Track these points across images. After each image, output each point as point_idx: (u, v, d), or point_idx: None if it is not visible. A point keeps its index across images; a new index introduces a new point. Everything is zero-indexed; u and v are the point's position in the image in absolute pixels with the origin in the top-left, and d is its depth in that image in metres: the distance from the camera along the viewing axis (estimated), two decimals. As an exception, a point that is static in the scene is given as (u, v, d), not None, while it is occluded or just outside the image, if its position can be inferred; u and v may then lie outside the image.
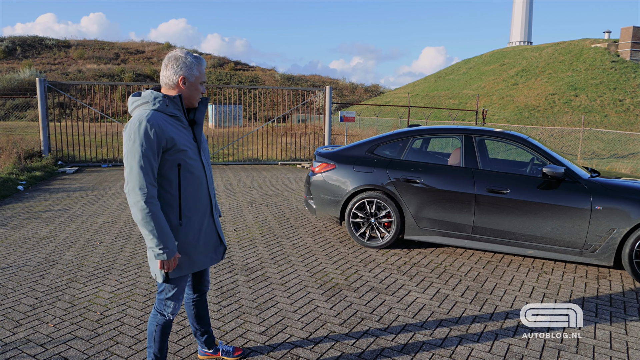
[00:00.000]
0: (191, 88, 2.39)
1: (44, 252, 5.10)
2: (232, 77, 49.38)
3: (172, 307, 2.54)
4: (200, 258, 2.53)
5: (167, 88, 2.39)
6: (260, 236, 5.93)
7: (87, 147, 13.02)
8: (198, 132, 2.50)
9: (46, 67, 42.75)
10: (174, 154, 2.32)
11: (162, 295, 2.53)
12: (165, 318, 2.56)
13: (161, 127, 2.25)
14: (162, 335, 2.59)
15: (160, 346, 2.61)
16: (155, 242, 2.25)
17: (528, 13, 55.97)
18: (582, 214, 4.65)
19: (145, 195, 2.21)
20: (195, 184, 2.44)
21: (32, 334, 3.32)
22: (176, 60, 2.35)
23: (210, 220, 2.56)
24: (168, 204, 2.36)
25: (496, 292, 4.29)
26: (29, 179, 9.54)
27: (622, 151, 21.45)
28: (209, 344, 3.00)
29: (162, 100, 2.32)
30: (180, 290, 2.54)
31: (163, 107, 2.32)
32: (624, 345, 3.38)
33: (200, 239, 2.51)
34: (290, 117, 21.12)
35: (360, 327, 3.55)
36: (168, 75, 2.35)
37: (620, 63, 34.76)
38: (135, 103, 2.35)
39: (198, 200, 2.47)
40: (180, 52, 2.38)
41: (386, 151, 5.63)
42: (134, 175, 2.21)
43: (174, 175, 2.34)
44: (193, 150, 2.43)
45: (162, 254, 2.28)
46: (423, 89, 45.52)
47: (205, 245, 2.54)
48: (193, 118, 2.48)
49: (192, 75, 2.37)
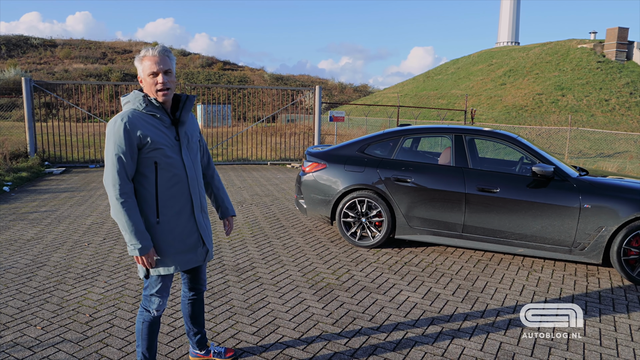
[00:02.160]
0: (144, 84, 2.39)
1: (31, 254, 5.02)
2: (220, 77, 49.14)
3: (156, 304, 2.54)
4: (178, 258, 2.49)
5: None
6: (250, 236, 5.90)
7: (74, 147, 12.87)
8: (181, 131, 2.47)
9: (32, 66, 42.20)
10: (150, 152, 2.34)
11: (147, 291, 2.54)
12: (151, 315, 2.57)
13: (136, 125, 2.29)
14: (150, 332, 2.59)
15: (148, 344, 2.60)
16: (127, 237, 2.31)
17: (515, 13, 56.43)
18: (571, 212, 4.69)
19: (118, 191, 2.27)
20: (172, 182, 2.42)
21: (19, 337, 3.26)
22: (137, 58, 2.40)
23: (190, 219, 2.51)
24: (145, 201, 2.39)
25: (487, 291, 4.31)
26: (15, 179, 9.41)
27: (608, 150, 21.73)
28: (201, 345, 2.97)
29: (142, 99, 2.36)
30: (164, 287, 2.54)
31: (141, 105, 2.36)
32: (614, 342, 3.41)
33: (179, 238, 2.48)
34: (280, 117, 21.07)
35: (353, 326, 3.55)
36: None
37: (606, 63, 35.18)
38: (123, 103, 2.42)
39: (175, 198, 2.44)
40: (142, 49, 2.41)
41: (377, 150, 5.63)
42: (108, 171, 2.29)
43: (150, 172, 2.37)
44: (172, 149, 2.41)
45: (134, 249, 2.32)
46: (412, 89, 45.69)
47: (184, 245, 2.50)
48: (179, 117, 2.46)
49: (141, 72, 2.36)
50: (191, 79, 46.56)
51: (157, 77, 2.34)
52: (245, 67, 59.69)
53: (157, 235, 2.41)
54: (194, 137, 2.57)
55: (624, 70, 34.39)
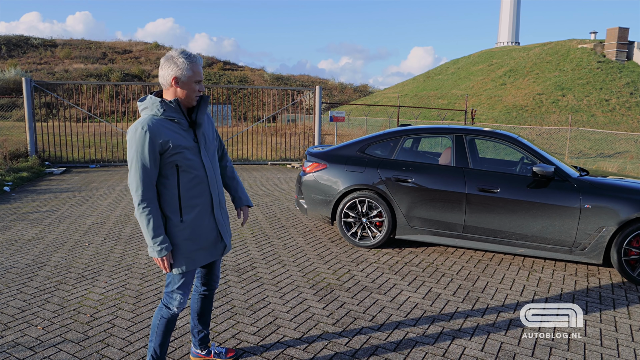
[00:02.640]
0: (184, 88, 2.43)
1: (32, 254, 5.03)
2: (220, 77, 49.13)
3: (178, 300, 2.59)
4: (200, 254, 2.57)
5: (164, 89, 2.47)
6: (251, 236, 5.90)
7: (74, 147, 12.87)
8: (199, 133, 2.54)
9: (32, 66, 42.18)
10: (171, 156, 2.40)
11: (169, 287, 2.59)
12: (171, 311, 2.61)
13: (157, 132, 2.34)
14: (166, 329, 2.64)
15: (162, 341, 2.64)
16: (148, 239, 2.40)
17: (516, 13, 56.41)
18: (571, 212, 4.69)
19: (141, 196, 2.35)
20: (193, 183, 2.50)
21: (20, 337, 3.27)
22: (168, 61, 2.40)
23: (211, 217, 2.60)
24: (169, 202, 2.46)
25: (487, 291, 4.31)
26: (16, 179, 9.41)
27: (609, 150, 21.73)
28: (203, 344, 2.99)
29: (160, 105, 2.41)
30: (187, 283, 2.59)
31: (160, 111, 2.40)
32: (614, 342, 3.41)
33: (201, 236, 2.55)
34: (280, 117, 21.07)
35: (353, 326, 3.55)
36: (163, 75, 2.42)
37: (606, 63, 35.17)
38: (140, 108, 2.47)
39: (197, 199, 2.52)
40: (174, 52, 2.41)
41: (377, 151, 5.63)
42: (132, 176, 2.36)
43: (172, 175, 2.44)
44: (192, 151, 2.49)
45: (153, 251, 2.41)
46: (412, 89, 45.68)
47: (206, 241, 2.59)
48: (195, 119, 2.52)
49: (185, 75, 2.40)
50: (191, 79, 46.52)
51: (199, 85, 2.48)
52: (246, 67, 59.66)
53: (180, 234, 2.48)
54: (210, 137, 2.65)
55: (624, 70, 34.39)
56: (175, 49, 2.45)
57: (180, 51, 2.41)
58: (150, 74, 44.56)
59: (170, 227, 2.47)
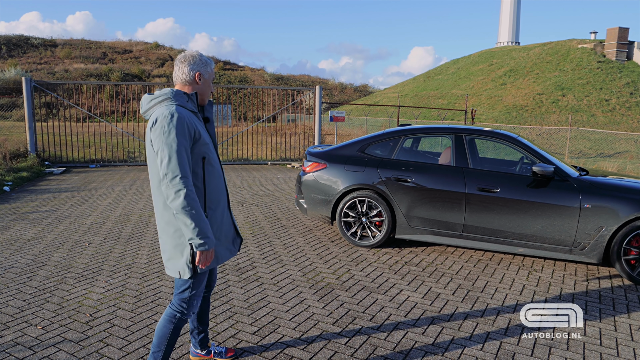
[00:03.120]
0: (205, 84, 2.51)
1: (32, 254, 5.03)
2: (221, 77, 49.13)
3: (194, 305, 2.55)
4: (222, 251, 2.57)
5: (182, 84, 2.48)
6: (251, 236, 5.90)
7: (74, 147, 12.87)
8: (211, 130, 2.60)
9: (32, 66, 42.18)
10: (200, 147, 2.39)
11: (186, 293, 2.49)
12: (184, 318, 2.54)
13: (190, 120, 2.35)
14: (176, 337, 2.57)
15: (170, 350, 2.56)
16: (196, 231, 2.26)
17: (516, 13, 56.41)
18: (571, 212, 4.69)
19: (186, 183, 2.24)
20: (216, 177, 2.52)
21: (20, 337, 3.27)
22: (192, 58, 2.46)
23: (228, 213, 2.64)
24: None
25: (487, 291, 4.31)
26: (15, 179, 9.41)
27: (609, 150, 21.73)
28: (202, 344, 2.98)
29: (183, 96, 2.41)
30: (202, 286, 2.56)
31: (184, 102, 2.40)
32: (614, 342, 3.41)
33: (222, 232, 2.56)
34: (280, 117, 21.07)
35: (353, 326, 3.55)
36: (184, 71, 2.44)
37: (606, 63, 35.17)
38: (155, 100, 2.40)
39: (219, 193, 2.55)
40: (194, 52, 2.50)
41: (377, 150, 5.63)
42: (172, 165, 2.24)
43: (199, 168, 2.41)
44: (212, 145, 2.54)
45: (204, 244, 2.29)
46: (412, 88, 45.67)
47: (226, 238, 2.60)
48: (204, 116, 2.59)
49: (207, 72, 2.50)
50: (191, 79, 46.53)
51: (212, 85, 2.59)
52: (246, 67, 59.66)
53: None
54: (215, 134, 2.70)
55: (625, 70, 34.39)
56: (191, 50, 2.53)
57: (198, 52, 2.51)
58: (151, 74, 44.56)
59: None
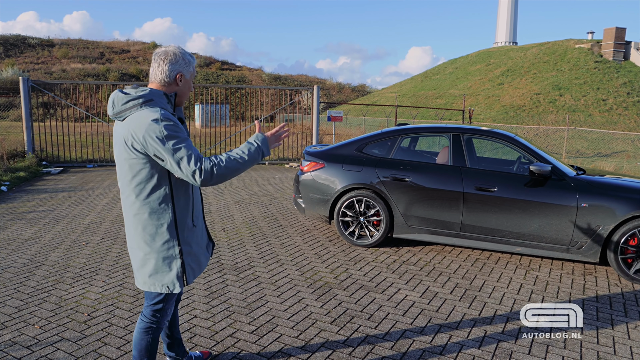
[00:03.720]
0: (186, 85, 2.33)
1: (29, 254, 5.02)
2: (218, 77, 49.08)
3: (168, 314, 2.46)
4: (202, 259, 2.49)
5: (159, 84, 2.27)
6: (249, 236, 5.90)
7: (72, 147, 12.85)
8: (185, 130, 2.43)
9: (29, 66, 42.08)
10: None
11: (161, 305, 2.39)
12: (159, 328, 2.45)
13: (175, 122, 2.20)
14: (156, 347, 2.47)
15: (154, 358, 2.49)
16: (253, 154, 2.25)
17: (513, 13, 56.51)
18: (568, 211, 4.70)
19: (209, 161, 2.13)
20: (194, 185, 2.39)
21: (17, 336, 3.26)
22: (174, 56, 2.25)
23: (202, 220, 2.55)
24: (184, 204, 2.31)
25: (484, 290, 4.32)
26: (13, 179, 9.39)
27: (606, 150, 21.78)
28: (181, 354, 2.83)
29: (163, 97, 2.24)
30: (176, 295, 2.47)
31: (164, 104, 2.24)
32: (611, 340, 3.42)
33: (201, 240, 2.48)
34: (278, 117, 21.06)
35: (351, 325, 3.55)
36: (164, 71, 2.24)
37: (604, 63, 35.26)
38: (133, 102, 2.17)
39: (197, 200, 2.46)
40: (176, 49, 2.28)
41: (375, 150, 5.64)
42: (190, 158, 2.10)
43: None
44: None
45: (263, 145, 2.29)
46: (410, 88, 45.71)
47: (204, 246, 2.53)
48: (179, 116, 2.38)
49: (189, 72, 2.32)
50: (189, 78, 46.47)
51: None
52: (244, 67, 59.62)
53: (193, 240, 2.36)
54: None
55: (622, 70, 34.47)
56: (172, 45, 2.31)
57: (179, 47, 2.30)
58: (148, 73, 44.53)
59: (186, 231, 2.31)
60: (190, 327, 3.45)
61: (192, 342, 3.24)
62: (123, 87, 2.30)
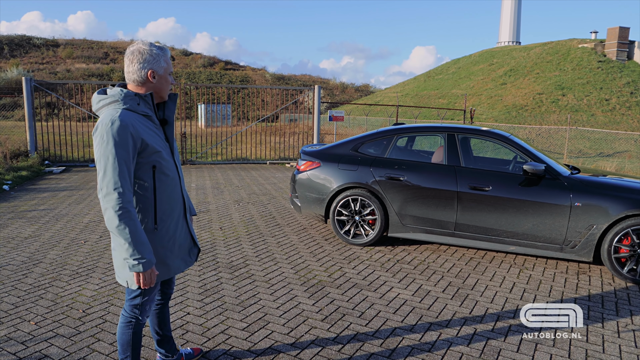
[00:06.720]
0: (161, 81, 2.29)
1: (28, 251, 5.08)
2: (222, 77, 49.18)
3: (147, 310, 2.44)
4: (176, 262, 2.44)
5: (135, 85, 2.26)
6: (245, 234, 5.94)
7: (74, 147, 12.95)
8: (170, 132, 2.40)
9: (34, 66, 42.32)
10: (149, 156, 2.22)
11: (137, 300, 2.39)
12: (141, 322, 2.45)
13: (135, 127, 2.14)
14: (139, 341, 2.48)
15: (138, 353, 2.50)
16: (130, 251, 2.11)
17: (516, 13, 56.35)
18: (562, 210, 4.72)
19: (121, 200, 2.07)
20: (170, 186, 2.36)
21: (13, 332, 3.32)
22: (141, 54, 2.21)
23: (184, 222, 2.48)
24: (143, 208, 2.27)
25: (477, 288, 4.35)
26: (15, 178, 9.47)
27: (608, 150, 21.71)
28: (172, 351, 2.85)
29: (134, 98, 2.20)
30: (155, 291, 2.45)
31: (134, 105, 2.20)
32: (600, 339, 3.45)
33: (176, 242, 2.42)
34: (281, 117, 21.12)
35: (342, 322, 3.59)
36: (134, 70, 2.21)
37: (607, 63, 35.12)
38: (103, 101, 2.20)
39: (173, 202, 2.39)
40: (144, 45, 2.23)
41: (370, 149, 5.67)
42: (108, 178, 2.07)
43: (148, 177, 2.24)
44: (166, 151, 2.34)
45: (138, 265, 2.13)
46: (413, 88, 45.67)
47: (180, 249, 2.46)
48: (163, 117, 2.37)
49: (161, 68, 2.26)
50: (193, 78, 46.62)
51: (170, 77, 2.34)
52: (247, 66, 59.69)
53: (156, 242, 2.31)
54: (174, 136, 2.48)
55: (625, 70, 34.33)
56: (140, 41, 2.26)
57: (148, 43, 2.24)
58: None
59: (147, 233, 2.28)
60: (183, 324, 3.50)
61: (184, 339, 3.28)
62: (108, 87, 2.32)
